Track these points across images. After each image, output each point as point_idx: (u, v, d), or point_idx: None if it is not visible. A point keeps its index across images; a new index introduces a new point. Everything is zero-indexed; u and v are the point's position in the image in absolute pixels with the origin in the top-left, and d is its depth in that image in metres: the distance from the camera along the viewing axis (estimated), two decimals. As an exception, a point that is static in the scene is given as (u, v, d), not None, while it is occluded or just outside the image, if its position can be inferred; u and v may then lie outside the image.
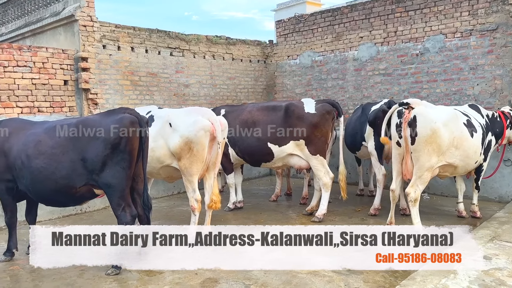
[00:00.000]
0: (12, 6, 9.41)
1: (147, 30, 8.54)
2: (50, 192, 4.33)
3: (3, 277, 4.27)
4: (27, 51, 7.07)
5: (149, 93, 8.56)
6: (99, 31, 7.75)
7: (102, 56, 7.80)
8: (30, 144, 4.33)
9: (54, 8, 8.11)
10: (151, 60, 8.55)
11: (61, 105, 7.51)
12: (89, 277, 4.18)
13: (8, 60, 6.85)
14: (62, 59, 7.48)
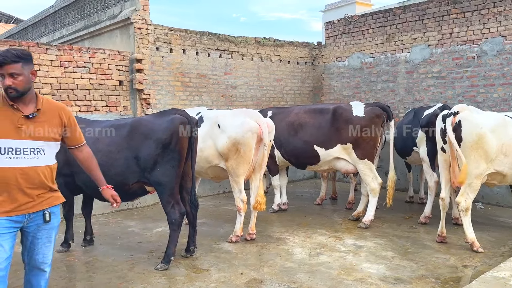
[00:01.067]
0: (72, 10, 9.96)
1: (198, 32, 8.75)
2: (103, 188, 4.54)
3: (60, 267, 4.53)
4: (86, 53, 7.46)
5: (198, 94, 8.76)
6: (153, 33, 8.03)
7: (155, 58, 8.07)
8: (88, 142, 4.47)
9: (112, 11, 8.49)
10: (201, 62, 8.75)
11: (116, 105, 7.85)
12: (139, 271, 4.34)
13: (69, 61, 7.26)
14: (118, 60, 7.83)
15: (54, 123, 2.73)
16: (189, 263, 4.58)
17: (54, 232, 2.82)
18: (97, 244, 5.24)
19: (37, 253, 2.74)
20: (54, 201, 2.78)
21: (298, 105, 7.50)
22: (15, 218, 2.61)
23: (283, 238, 5.40)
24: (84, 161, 2.98)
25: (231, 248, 5.06)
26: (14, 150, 2.56)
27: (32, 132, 2.62)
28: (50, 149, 2.73)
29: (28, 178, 2.59)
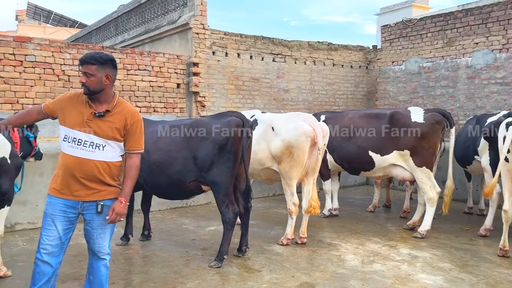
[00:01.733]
0: (134, 15, 10.46)
1: (253, 37, 8.89)
2: (164, 185, 4.74)
3: (119, 259, 4.77)
4: (147, 56, 7.81)
5: (250, 97, 8.89)
6: (210, 38, 8.26)
7: (211, 62, 8.30)
8: (150, 141, 4.77)
9: (171, 16, 8.83)
10: (254, 66, 8.88)
11: (173, 106, 8.15)
12: (194, 267, 4.48)
13: (131, 64, 7.64)
14: (176, 64, 8.13)
15: (119, 125, 2.90)
16: (241, 262, 4.67)
17: (109, 224, 2.97)
18: (154, 239, 5.46)
19: (93, 242, 2.96)
20: (107, 195, 2.93)
21: (352, 110, 7.40)
22: (69, 203, 2.87)
23: (334, 244, 5.35)
24: (127, 167, 3.01)
25: (282, 250, 5.09)
26: (77, 141, 2.84)
27: (95, 129, 2.85)
28: (111, 147, 2.90)
29: (82, 168, 2.82)
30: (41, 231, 2.90)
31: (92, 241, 2.97)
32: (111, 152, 2.90)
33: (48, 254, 2.85)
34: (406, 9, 22.51)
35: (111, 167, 2.92)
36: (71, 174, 2.83)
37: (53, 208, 2.87)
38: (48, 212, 2.88)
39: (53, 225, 2.85)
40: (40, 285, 2.86)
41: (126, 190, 2.96)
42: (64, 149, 2.87)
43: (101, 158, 2.86)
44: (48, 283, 2.90)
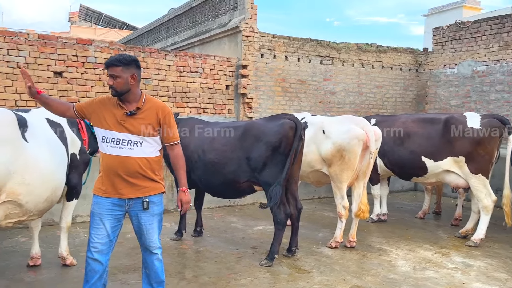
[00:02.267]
0: (185, 18, 10.78)
1: (301, 39, 8.95)
2: (218, 183, 4.91)
3: (173, 253, 4.98)
4: (199, 59, 8.05)
5: (297, 100, 8.95)
6: (259, 41, 8.39)
7: (259, 64, 8.43)
8: (206, 141, 4.97)
9: (221, 20, 9.05)
10: (301, 68, 8.93)
11: (221, 108, 8.35)
12: (245, 265, 4.61)
13: (183, 66, 7.90)
14: (226, 66, 8.32)
15: (151, 120, 3.01)
16: (291, 262, 4.74)
17: (156, 219, 3.09)
18: (205, 236, 5.65)
19: (144, 238, 3.08)
20: (152, 191, 3.04)
21: (405, 113, 7.29)
22: (116, 201, 2.99)
23: (384, 249, 5.31)
24: (173, 159, 3.16)
25: (331, 253, 5.12)
26: (115, 141, 2.96)
27: (130, 128, 2.97)
28: (147, 143, 3.01)
29: (122, 165, 2.94)
30: (90, 230, 3.04)
31: (142, 237, 3.08)
32: (149, 148, 3.02)
33: (98, 252, 2.99)
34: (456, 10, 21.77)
35: (151, 163, 3.03)
36: (115, 172, 2.95)
37: (100, 208, 2.99)
38: (95, 212, 3.01)
39: (101, 223, 2.99)
40: (93, 282, 3.02)
41: (182, 180, 3.17)
42: (104, 150, 2.99)
43: (140, 155, 2.98)
44: (101, 279, 3.06)
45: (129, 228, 5.96)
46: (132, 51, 7.36)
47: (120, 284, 3.99)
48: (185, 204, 3.15)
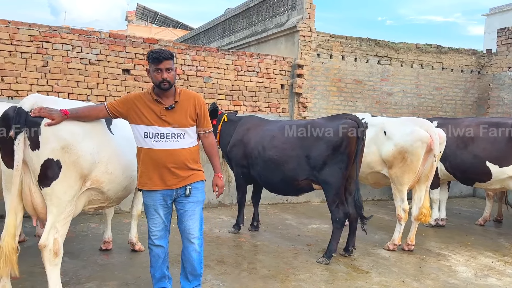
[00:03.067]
0: (242, 18, 11.00)
1: (358, 39, 8.88)
2: (277, 180, 5.02)
3: (232, 244, 5.16)
4: (256, 58, 8.21)
5: (352, 100, 8.89)
6: (316, 40, 8.42)
7: (315, 64, 8.46)
8: (266, 138, 5.10)
9: (278, 19, 9.16)
10: (358, 68, 8.86)
11: (276, 106, 8.47)
12: (302, 261, 4.69)
13: (241, 65, 8.09)
14: (282, 65, 8.43)
15: (189, 111, 3.14)
16: (348, 262, 4.77)
17: (199, 207, 3.23)
18: (261, 231, 5.79)
19: (185, 225, 3.21)
20: (195, 178, 3.19)
21: (468, 117, 7.05)
22: (166, 192, 3.15)
23: (443, 254, 5.21)
24: (207, 147, 3.32)
25: (388, 255, 5.09)
26: (159, 135, 3.08)
27: (171, 121, 3.09)
28: (188, 134, 3.15)
29: (171, 158, 3.07)
30: (147, 221, 3.24)
31: (183, 224, 3.22)
32: (190, 139, 3.16)
33: (158, 239, 3.23)
34: (521, 9, 20.55)
35: (193, 152, 3.19)
36: (163, 165, 3.07)
37: (153, 199, 3.17)
38: (149, 204, 3.19)
39: (156, 213, 3.18)
40: (158, 265, 3.30)
41: (218, 166, 3.37)
42: (148, 145, 3.08)
43: (184, 146, 3.12)
44: (164, 262, 3.33)
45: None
46: (194, 50, 7.64)
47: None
48: (220, 188, 3.35)
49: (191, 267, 3.25)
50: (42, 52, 6.39)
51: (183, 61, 7.50)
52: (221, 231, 5.71)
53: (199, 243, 3.24)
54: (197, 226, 3.22)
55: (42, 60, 6.40)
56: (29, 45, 6.28)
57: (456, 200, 8.88)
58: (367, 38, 8.94)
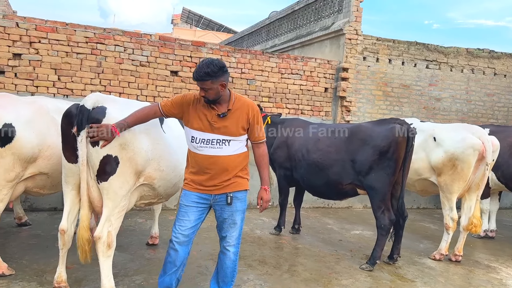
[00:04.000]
0: (286, 21, 11.02)
1: (406, 42, 8.68)
2: (321, 184, 5.00)
3: (273, 246, 5.17)
4: (300, 61, 8.21)
5: (398, 104, 8.69)
6: (362, 43, 8.31)
7: (360, 67, 8.35)
8: (310, 141, 5.09)
9: (324, 22, 9.11)
10: (405, 72, 8.66)
11: (319, 110, 8.43)
12: (345, 266, 4.64)
13: (285, 68, 8.12)
14: (326, 69, 8.38)
15: (241, 120, 3.06)
16: (392, 270, 4.67)
17: (240, 216, 3.15)
18: (302, 234, 5.78)
19: (223, 232, 3.16)
20: (237, 187, 3.11)
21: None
22: (203, 196, 3.10)
23: (493, 267, 4.99)
24: (259, 157, 3.22)
25: (434, 265, 4.94)
26: (205, 141, 3.03)
27: (221, 128, 3.02)
28: (235, 142, 3.07)
29: (214, 164, 3.02)
30: (175, 221, 3.16)
31: (222, 232, 3.16)
32: (236, 145, 3.08)
33: (179, 243, 3.10)
34: None
35: (238, 159, 3.10)
36: (204, 171, 3.05)
37: (187, 200, 3.11)
38: (182, 203, 3.14)
39: (187, 215, 3.10)
40: (170, 273, 3.14)
41: (265, 178, 3.23)
42: (193, 149, 3.08)
43: (229, 153, 3.04)
44: (177, 272, 3.17)
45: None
46: (240, 53, 7.75)
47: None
48: (265, 202, 3.19)
49: (223, 274, 3.21)
50: (96, 53, 6.70)
51: (228, 64, 7.62)
52: (262, 232, 5.74)
53: (235, 252, 3.18)
54: (235, 235, 3.16)
55: (96, 60, 6.71)
56: (84, 46, 6.60)
57: (506, 211, 8.46)
58: (415, 42, 8.73)
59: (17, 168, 3.49)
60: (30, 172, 3.62)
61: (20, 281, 3.57)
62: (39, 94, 6.30)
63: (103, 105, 3.20)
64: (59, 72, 6.51)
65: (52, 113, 3.73)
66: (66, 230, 3.30)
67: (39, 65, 6.36)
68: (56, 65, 6.46)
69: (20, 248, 4.37)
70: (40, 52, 6.34)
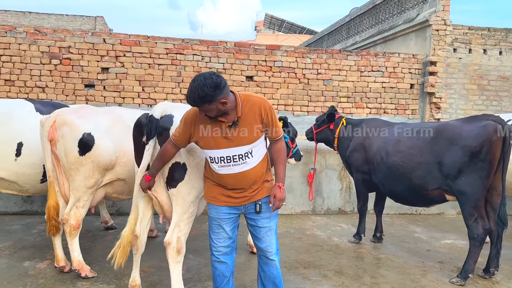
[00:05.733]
0: (367, 17, 10.53)
1: (504, 30, 7.78)
2: (403, 189, 4.59)
3: (351, 255, 4.86)
4: (382, 57, 7.75)
5: (497, 99, 7.80)
6: (451, 34, 7.61)
7: (451, 60, 7.64)
8: (390, 143, 4.71)
9: (408, 15, 8.51)
10: (504, 63, 7.74)
11: (404, 108, 7.87)
12: (432, 279, 4.19)
13: (365, 66, 7.72)
14: (411, 63, 7.81)
15: (255, 122, 2.79)
16: (488, 285, 4.12)
17: (273, 221, 2.97)
18: (385, 243, 5.37)
19: (261, 242, 2.97)
20: (265, 192, 2.92)
21: None
22: (232, 207, 2.94)
23: None
24: (275, 153, 2.95)
25: (542, 281, 4.25)
26: (225, 159, 2.79)
27: (237, 139, 2.76)
28: (256, 148, 2.85)
29: (240, 181, 2.84)
30: (210, 235, 3.02)
31: (260, 241, 2.98)
32: (259, 151, 2.88)
33: (222, 255, 3.00)
34: None
35: (264, 165, 2.93)
36: (231, 188, 2.89)
37: (218, 213, 2.96)
38: (213, 217, 2.99)
39: (221, 228, 2.97)
40: (223, 285, 3.03)
41: (281, 175, 2.91)
42: (216, 170, 2.86)
43: (254, 164, 2.85)
44: (229, 283, 3.06)
45: (308, 224, 6.14)
46: (315, 53, 7.55)
47: (302, 279, 4.09)
48: (278, 201, 2.85)
49: (272, 285, 3.03)
50: (176, 63, 6.99)
51: (303, 65, 7.47)
52: (340, 239, 5.46)
53: (278, 259, 3.02)
54: (274, 243, 2.98)
55: (176, 70, 7.00)
56: (165, 57, 6.93)
57: None
58: (516, 28, 7.76)
59: (96, 175, 3.70)
60: (109, 178, 3.83)
61: (100, 283, 3.77)
62: (125, 105, 6.75)
63: (170, 113, 3.27)
64: (143, 83, 6.91)
65: (127, 121, 3.90)
66: (138, 235, 3.41)
67: (124, 77, 6.81)
68: (140, 76, 6.87)
69: (104, 251, 4.64)
70: (125, 65, 6.79)
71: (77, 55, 6.63)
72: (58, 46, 6.57)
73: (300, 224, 6.15)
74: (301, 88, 7.51)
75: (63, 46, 6.58)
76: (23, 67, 6.48)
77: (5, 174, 3.94)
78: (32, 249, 4.57)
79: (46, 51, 6.54)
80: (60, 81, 6.61)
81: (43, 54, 6.54)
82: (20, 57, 6.46)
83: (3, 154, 3.88)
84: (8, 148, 3.90)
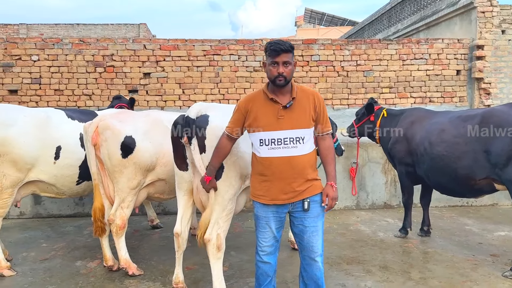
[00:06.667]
0: (408, 3, 10.14)
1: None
2: (448, 180, 4.40)
3: (397, 250, 4.72)
4: (424, 44, 7.45)
5: (555, 81, 7.25)
6: (498, 15, 7.19)
7: (499, 43, 7.22)
8: (434, 132, 4.53)
9: (451, -2, 8.12)
10: (562, 41, 7.18)
11: (451, 95, 7.52)
12: (483, 274, 3.99)
13: (407, 54, 7.45)
14: (456, 49, 7.44)
15: (308, 108, 2.76)
16: (546, 281, 3.86)
17: (320, 221, 2.87)
18: (433, 237, 5.18)
19: (306, 241, 2.86)
20: (314, 191, 2.82)
21: None
22: (279, 206, 2.85)
23: None
24: (325, 150, 2.88)
25: None
26: (276, 141, 2.73)
27: (290, 121, 2.72)
28: (308, 136, 2.78)
29: (290, 167, 2.73)
30: (256, 234, 2.97)
31: (304, 242, 2.88)
32: (309, 142, 2.80)
33: (267, 255, 2.94)
34: None
35: (311, 158, 2.83)
36: (280, 177, 2.77)
37: (266, 212, 2.89)
38: (260, 215, 2.92)
39: (268, 227, 2.90)
40: (265, 284, 2.99)
41: (332, 174, 2.85)
42: (263, 154, 2.78)
43: (304, 152, 2.76)
44: (271, 282, 3.02)
45: (352, 219, 6.04)
46: (353, 44, 7.39)
47: (345, 275, 4.04)
48: (331, 200, 2.80)
49: (315, 285, 2.94)
50: (214, 64, 7.10)
51: (342, 57, 7.33)
52: (385, 234, 5.32)
53: (322, 260, 2.92)
54: (320, 243, 2.88)
55: (214, 71, 7.11)
56: (203, 59, 7.06)
57: None
58: None
59: (139, 176, 3.85)
60: (150, 179, 3.97)
61: (146, 281, 3.92)
62: (167, 108, 6.95)
63: (206, 113, 3.34)
64: (183, 86, 7.08)
65: (165, 123, 4.03)
66: (180, 233, 3.51)
67: (165, 81, 7.02)
68: (180, 79, 7.05)
69: (150, 249, 4.83)
70: (165, 69, 6.99)
71: (120, 62, 6.91)
72: (102, 54, 6.88)
73: (343, 220, 6.06)
74: (340, 81, 7.37)
75: (107, 54, 6.88)
76: (71, 76, 6.85)
77: (46, 177, 4.15)
78: (83, 249, 4.84)
79: (91, 60, 6.88)
80: (105, 88, 6.92)
81: (88, 63, 6.88)
82: (67, 67, 6.84)
83: (44, 158, 4.08)
84: (49, 152, 4.11)
